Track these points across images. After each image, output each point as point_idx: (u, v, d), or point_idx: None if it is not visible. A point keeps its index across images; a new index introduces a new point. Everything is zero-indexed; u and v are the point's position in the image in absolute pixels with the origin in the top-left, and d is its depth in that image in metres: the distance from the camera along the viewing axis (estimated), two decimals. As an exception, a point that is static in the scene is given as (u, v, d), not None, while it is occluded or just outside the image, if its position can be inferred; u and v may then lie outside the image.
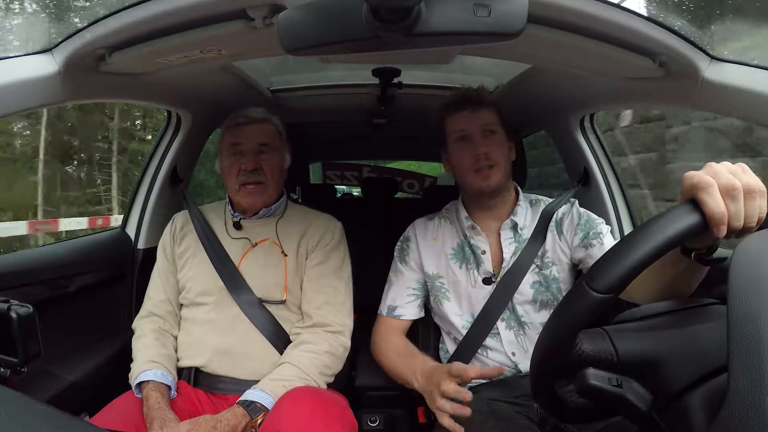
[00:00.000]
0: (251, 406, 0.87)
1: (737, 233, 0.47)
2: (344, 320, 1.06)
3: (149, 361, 0.98)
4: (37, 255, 1.14)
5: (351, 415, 0.94)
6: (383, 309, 1.09)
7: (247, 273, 1.06)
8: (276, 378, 0.93)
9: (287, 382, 0.92)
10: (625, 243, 0.46)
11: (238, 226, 1.11)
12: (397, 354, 1.01)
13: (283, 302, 1.05)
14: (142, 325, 1.07)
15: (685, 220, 0.46)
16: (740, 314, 0.36)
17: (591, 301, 0.45)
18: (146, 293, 1.13)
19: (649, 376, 0.47)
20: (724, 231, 0.46)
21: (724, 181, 0.46)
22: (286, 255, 1.08)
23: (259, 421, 0.86)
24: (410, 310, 1.07)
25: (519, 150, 1.25)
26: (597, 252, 0.97)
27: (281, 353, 1.01)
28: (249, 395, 0.89)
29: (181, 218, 1.17)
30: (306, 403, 0.86)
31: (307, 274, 1.08)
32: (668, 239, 0.44)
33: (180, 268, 1.11)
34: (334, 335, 1.03)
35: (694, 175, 0.47)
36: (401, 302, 1.07)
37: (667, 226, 0.45)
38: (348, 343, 1.05)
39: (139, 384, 0.95)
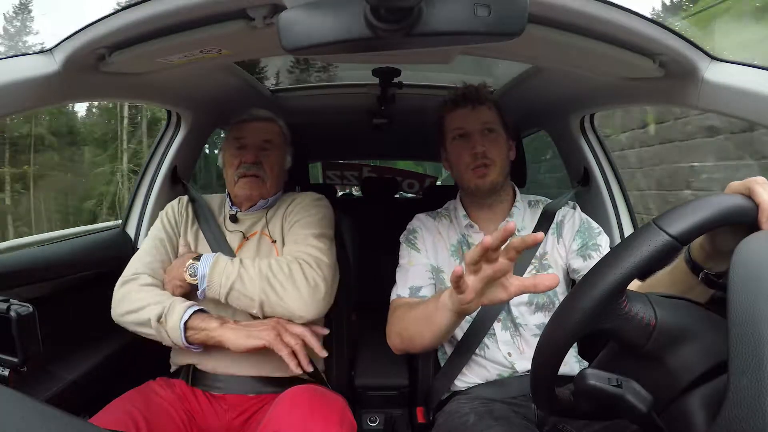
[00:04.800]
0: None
1: None
2: (316, 253, 1.00)
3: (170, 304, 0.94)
4: (37, 254, 1.14)
5: (350, 415, 0.94)
6: (403, 291, 1.00)
7: None
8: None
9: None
10: (696, 201, 0.48)
11: (234, 219, 1.12)
12: (417, 313, 0.88)
13: None
14: (130, 286, 0.99)
15: (741, 201, 0.50)
16: (740, 314, 0.36)
17: (661, 241, 0.45)
18: (135, 256, 1.06)
19: (676, 351, 0.46)
20: None
21: None
22: (274, 241, 1.08)
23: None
24: (432, 292, 1.01)
25: (518, 150, 1.25)
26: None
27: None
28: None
29: (185, 200, 1.17)
30: (305, 403, 0.86)
31: (287, 236, 1.08)
32: (730, 209, 0.48)
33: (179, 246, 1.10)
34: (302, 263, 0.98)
35: (748, 179, 0.52)
36: (424, 283, 1.01)
37: (727, 201, 0.49)
38: (321, 275, 0.98)
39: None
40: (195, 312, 0.94)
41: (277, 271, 0.95)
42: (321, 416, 0.84)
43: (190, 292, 0.99)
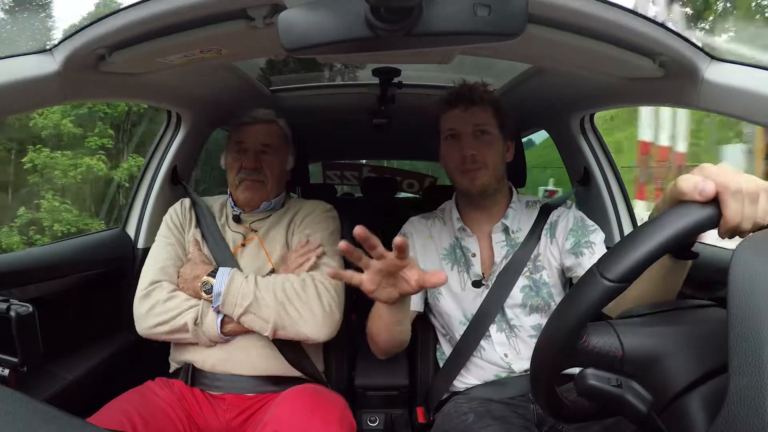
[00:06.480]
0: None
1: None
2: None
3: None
4: (37, 254, 1.14)
5: (350, 415, 0.94)
6: None
7: (242, 264, 1.06)
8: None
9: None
10: (638, 232, 0.46)
11: (237, 219, 1.13)
12: (373, 311, 0.90)
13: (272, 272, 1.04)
14: (154, 297, 0.98)
15: (701, 213, 0.46)
16: (740, 314, 0.36)
17: (602, 289, 0.45)
18: (147, 264, 1.05)
19: (652, 373, 0.46)
20: (730, 233, 0.47)
21: (749, 188, 0.46)
22: (270, 253, 1.08)
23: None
24: (414, 300, 1.00)
25: (518, 150, 1.25)
26: (586, 261, 0.93)
27: (278, 347, 1.01)
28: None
29: (187, 202, 1.17)
30: (305, 403, 0.86)
31: (295, 247, 1.08)
32: (682, 230, 0.45)
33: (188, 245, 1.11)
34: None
35: (722, 174, 0.46)
36: None
37: (681, 218, 0.45)
38: (337, 301, 1.00)
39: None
40: None
41: (293, 295, 0.96)
42: (320, 416, 0.84)
43: None
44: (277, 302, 0.94)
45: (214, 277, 0.97)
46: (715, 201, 0.46)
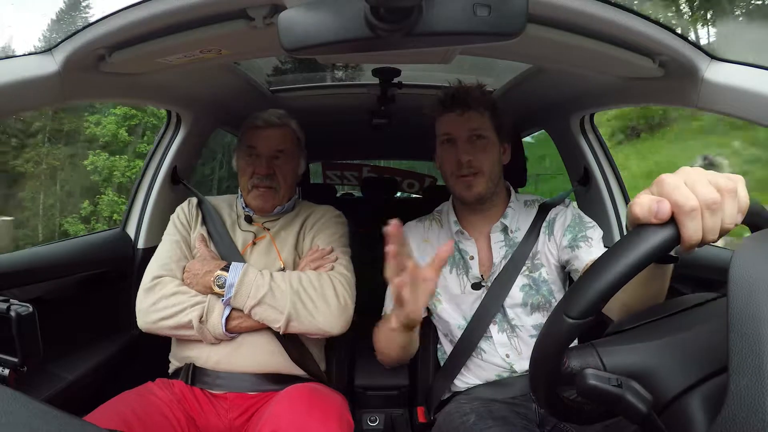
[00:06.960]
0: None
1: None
2: (345, 272, 1.04)
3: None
4: (37, 254, 1.14)
5: (348, 414, 0.94)
6: (388, 308, 1.03)
7: (251, 262, 1.06)
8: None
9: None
10: (596, 266, 0.46)
11: (249, 219, 1.14)
12: (381, 333, 0.92)
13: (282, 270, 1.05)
14: (157, 293, 0.99)
15: (657, 238, 0.44)
16: (740, 314, 0.36)
17: (567, 327, 0.46)
18: (153, 259, 1.05)
19: (642, 384, 0.47)
20: (693, 249, 0.45)
21: (708, 199, 0.43)
22: (281, 251, 1.09)
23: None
24: None
25: (518, 149, 1.25)
26: (583, 254, 0.93)
27: (282, 343, 1.01)
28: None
29: (194, 201, 1.17)
30: (304, 401, 0.86)
31: (307, 248, 1.10)
32: (638, 261, 0.44)
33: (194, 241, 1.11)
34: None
35: (677, 190, 0.43)
36: None
37: (639, 245, 0.44)
38: (350, 294, 1.01)
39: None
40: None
41: (308, 286, 0.97)
42: (319, 414, 0.84)
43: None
44: (293, 291, 0.95)
45: (227, 271, 0.97)
46: (673, 219, 0.44)
